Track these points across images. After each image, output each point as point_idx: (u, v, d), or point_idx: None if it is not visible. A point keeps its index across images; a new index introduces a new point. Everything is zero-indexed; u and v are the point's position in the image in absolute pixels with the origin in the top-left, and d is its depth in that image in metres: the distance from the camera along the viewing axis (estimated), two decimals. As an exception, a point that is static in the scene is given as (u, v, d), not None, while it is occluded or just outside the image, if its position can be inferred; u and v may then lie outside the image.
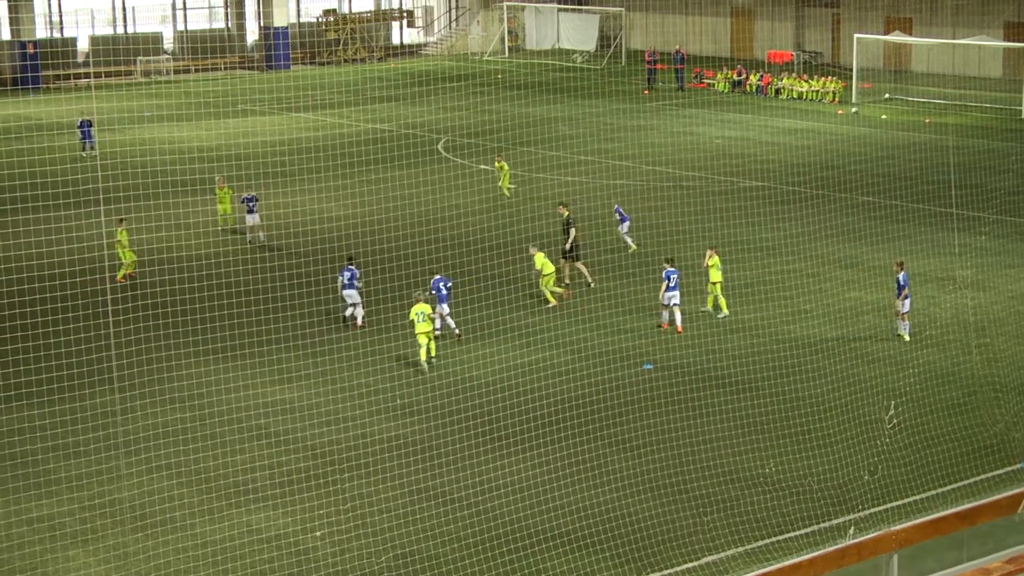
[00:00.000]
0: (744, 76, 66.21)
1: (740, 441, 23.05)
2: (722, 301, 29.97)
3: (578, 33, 78.66)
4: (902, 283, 28.10)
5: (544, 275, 30.77)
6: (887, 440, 22.70)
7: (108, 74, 71.60)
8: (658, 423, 23.63)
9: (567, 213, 32.61)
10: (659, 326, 29.19)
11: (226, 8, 79.06)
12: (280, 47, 74.73)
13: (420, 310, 26.70)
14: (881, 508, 20.32)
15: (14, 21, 68.60)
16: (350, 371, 26.39)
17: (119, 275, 32.79)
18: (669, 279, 28.97)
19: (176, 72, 72.98)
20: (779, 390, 25.17)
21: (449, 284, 28.73)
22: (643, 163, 47.12)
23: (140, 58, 72.18)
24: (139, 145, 49.20)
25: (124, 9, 75.21)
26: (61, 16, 73.50)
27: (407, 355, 27.42)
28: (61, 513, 20.53)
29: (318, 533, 19.71)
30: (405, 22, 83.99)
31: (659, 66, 66.79)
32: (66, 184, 39.63)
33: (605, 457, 22.31)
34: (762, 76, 65.85)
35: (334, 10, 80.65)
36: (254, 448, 22.96)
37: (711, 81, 67.24)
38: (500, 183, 42.14)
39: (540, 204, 39.75)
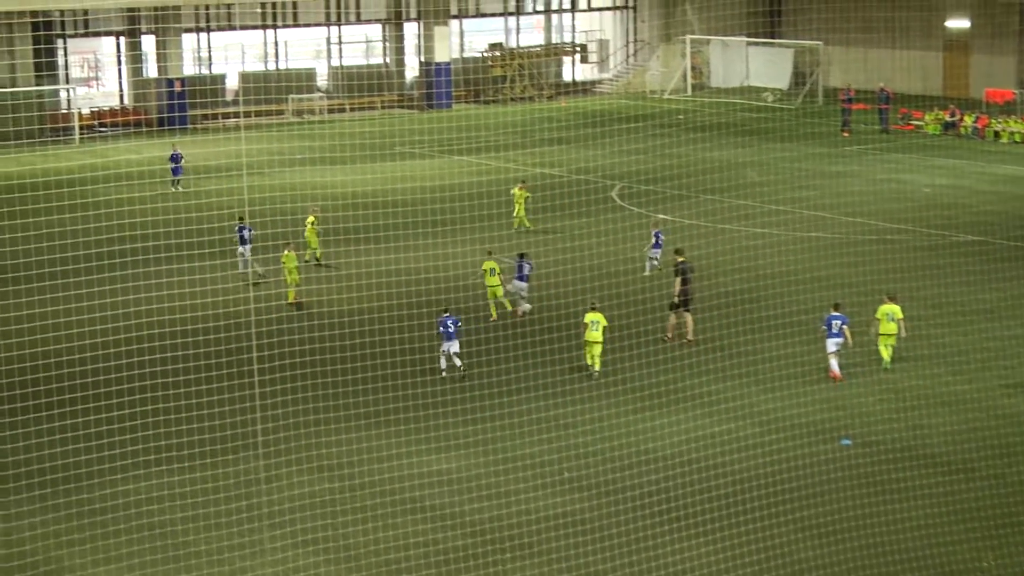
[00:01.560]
0: (958, 117, 65.02)
1: (952, 530, 22.49)
2: (887, 352, 30.35)
3: (769, 69, 78.26)
4: None
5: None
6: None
7: (258, 113, 73.69)
8: (856, 506, 23.19)
9: (681, 259, 33.30)
10: (830, 376, 29.56)
11: (384, 42, 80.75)
12: (442, 84, 75.97)
13: (594, 318, 30.04)
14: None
15: (162, 58, 71.12)
16: (512, 440, 26.51)
17: (289, 298, 35.67)
18: (830, 325, 29.64)
19: (330, 111, 74.71)
20: (998, 472, 24.51)
21: (458, 323, 30.65)
22: (841, 214, 46.53)
23: (292, 96, 74.10)
24: (289, 190, 50.42)
25: (276, 44, 77.36)
26: (210, 52, 75.94)
27: (574, 423, 27.44)
28: (200, 588, 20.99)
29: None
30: (578, 57, 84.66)
31: (856, 105, 66.02)
32: (212, 232, 40.82)
33: (795, 543, 21.97)
34: (978, 117, 64.56)
35: (500, 44, 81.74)
36: (407, 523, 23.19)
37: (919, 123, 66.19)
38: (516, 213, 43.89)
39: (722, 260, 39.49)
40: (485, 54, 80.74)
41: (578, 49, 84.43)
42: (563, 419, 27.76)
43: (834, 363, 30.24)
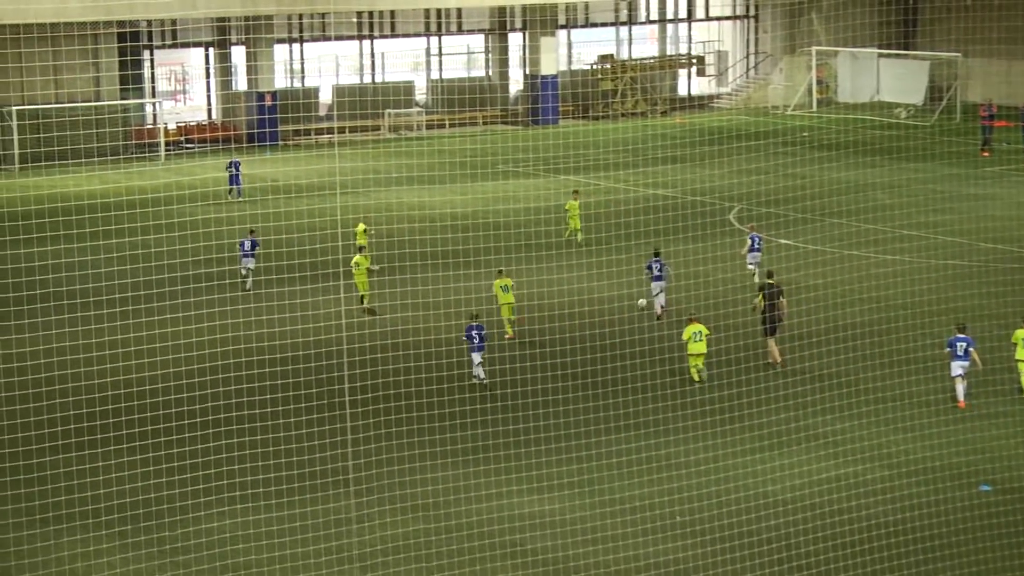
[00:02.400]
0: (1110, 134, 63.90)
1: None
2: None
3: (902, 83, 77.51)
4: None
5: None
6: None
7: (353, 129, 74.43)
8: (996, 558, 22.83)
9: (771, 281, 34.11)
10: (954, 402, 29.73)
11: (487, 54, 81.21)
12: (548, 99, 76.21)
13: (696, 329, 31.87)
14: None
15: (252, 70, 72.06)
16: (617, 481, 26.45)
17: (364, 303, 37.82)
18: (955, 346, 29.85)
19: (428, 127, 75.24)
20: None
21: (484, 331, 32.22)
22: (980, 240, 45.94)
23: (389, 111, 74.72)
24: (384, 211, 50.82)
25: (372, 55, 78.09)
26: (303, 64, 76.84)
27: (684, 463, 27.32)
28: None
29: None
30: (694, 70, 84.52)
31: (998, 123, 65.16)
32: (303, 255, 41.29)
33: (928, 598, 21.68)
34: None
35: (611, 56, 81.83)
36: (506, 568, 23.21)
37: (1068, 141, 65.15)
38: (571, 226, 46.34)
39: (848, 288, 39.15)
40: (594, 66, 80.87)
41: (694, 61, 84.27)
42: (672, 459, 27.64)
43: (960, 389, 29.98)
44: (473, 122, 77.25)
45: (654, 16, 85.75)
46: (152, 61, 74.36)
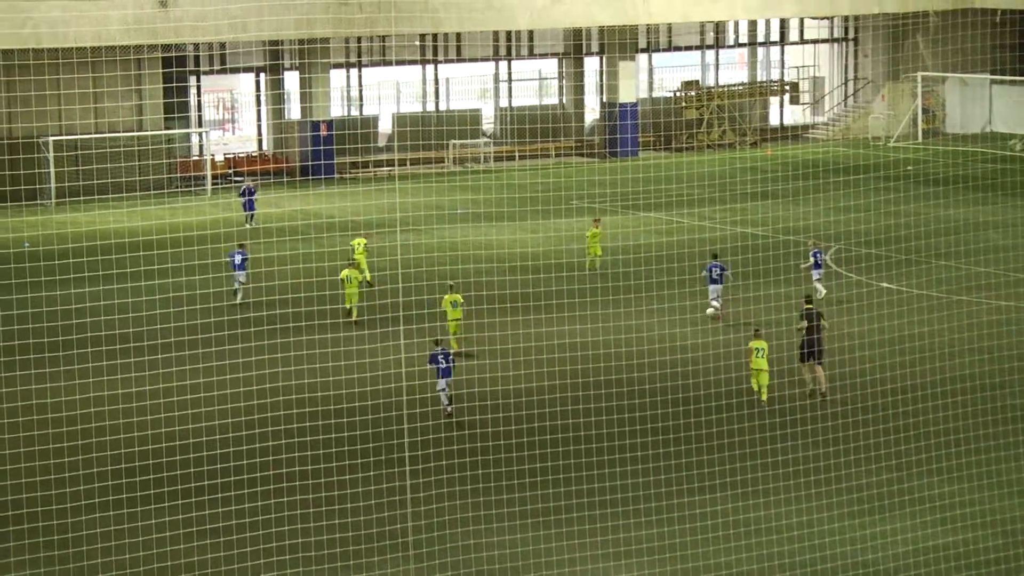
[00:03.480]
0: None
1: None
2: None
3: (1018, 112, 77.05)
4: None
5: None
6: None
7: (414, 161, 74.80)
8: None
9: (808, 305, 35.97)
10: None
11: (560, 80, 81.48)
12: (627, 129, 76.37)
13: (758, 345, 34.31)
14: None
15: (306, 97, 72.62)
16: (704, 547, 26.32)
17: (353, 316, 41.32)
18: None
19: (496, 159, 75.52)
20: None
21: (451, 356, 34.47)
22: (1105, 284, 45.53)
23: (453, 142, 75.12)
24: (448, 250, 50.98)
25: (436, 81, 78.51)
26: (361, 91, 77.37)
27: (776, 528, 27.17)
28: None
29: None
30: (787, 98, 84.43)
31: None
32: (359, 297, 41.42)
33: None
34: None
35: (696, 82, 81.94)
36: (580, 641, 23.13)
37: None
38: (589, 251, 48.69)
39: (957, 338, 38.87)
40: (678, 93, 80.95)
41: (787, 88, 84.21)
42: (763, 522, 27.49)
43: None
44: (545, 154, 77.45)
45: (743, 39, 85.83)
46: (199, 88, 75.10)
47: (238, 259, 45.13)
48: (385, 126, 77.78)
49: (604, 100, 78.67)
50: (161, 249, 43.50)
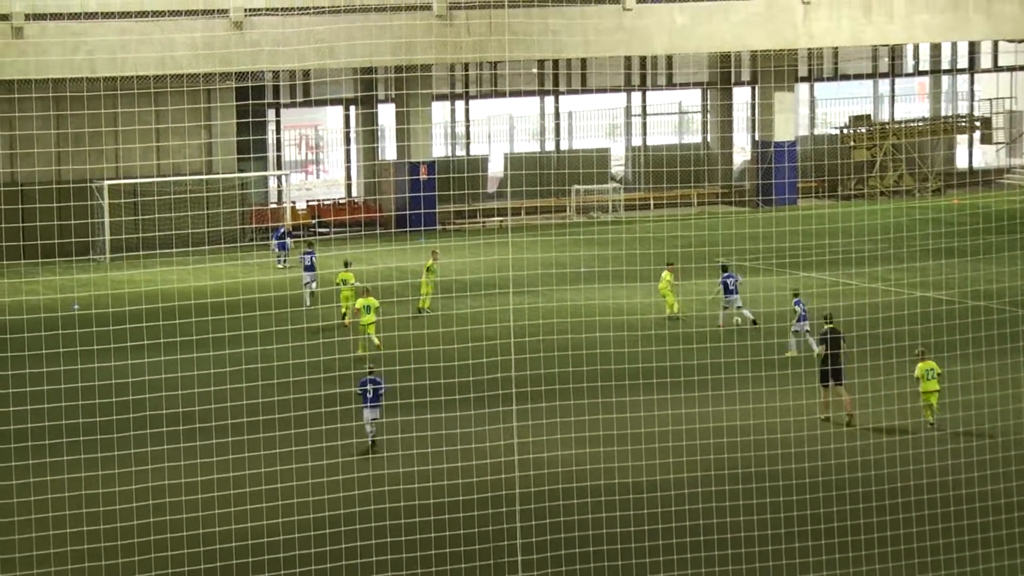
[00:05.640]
0: None
1: None
2: None
3: None
4: None
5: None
6: None
7: (530, 210, 74.89)
8: None
9: (829, 325, 39.91)
10: None
11: (704, 115, 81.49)
12: (783, 172, 76.09)
13: (928, 367, 37.71)
14: None
15: (403, 134, 72.99)
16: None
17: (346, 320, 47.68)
18: None
19: (627, 208, 75.50)
20: None
21: (381, 385, 38.16)
22: None
23: (576, 187, 75.19)
24: (569, 316, 51.00)
25: (557, 116, 78.72)
26: (468, 127, 77.74)
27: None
28: None
29: None
30: (977, 135, 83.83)
31: None
32: (449, 372, 41.50)
33: None
34: None
35: (867, 117, 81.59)
36: None
37: None
38: (668, 301, 52.98)
39: None
40: (845, 130, 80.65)
41: (978, 124, 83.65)
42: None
43: None
44: (685, 202, 77.35)
45: (924, 66, 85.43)
46: (278, 123, 75.77)
47: (307, 260, 54.85)
48: (496, 168, 78.09)
49: (756, 138, 78.56)
50: (233, 313, 43.86)
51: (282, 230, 65.09)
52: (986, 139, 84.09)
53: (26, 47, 62.88)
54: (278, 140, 75.86)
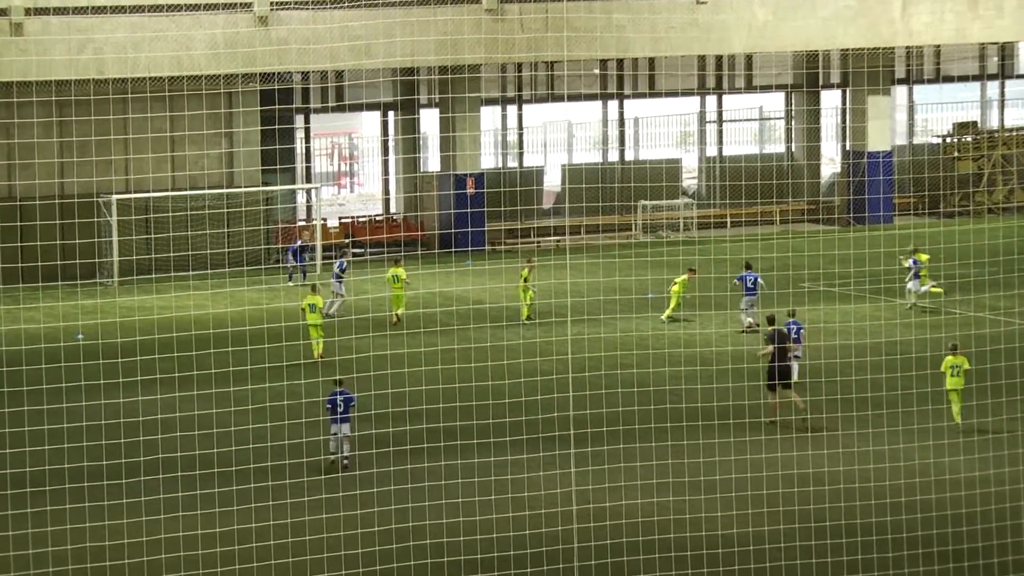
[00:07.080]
0: None
1: None
2: None
3: None
4: None
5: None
6: None
7: (591, 228, 74.86)
8: None
9: (773, 327, 42.83)
10: None
11: (788, 121, 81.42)
12: (878, 186, 75.97)
13: (955, 362, 40.34)
14: None
15: (448, 143, 72.96)
16: None
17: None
18: None
19: (701, 226, 75.47)
20: None
21: (351, 399, 39.50)
22: None
23: (643, 203, 75.21)
24: (635, 348, 51.03)
25: (621, 123, 78.74)
26: (521, 134, 77.80)
27: None
28: None
29: None
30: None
31: None
32: (499, 410, 41.56)
33: None
34: None
35: (973, 124, 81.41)
36: None
37: None
38: (672, 305, 56.27)
39: None
40: (949, 139, 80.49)
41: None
42: None
43: None
44: (767, 219, 77.29)
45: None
46: (307, 131, 75.98)
47: (337, 268, 58.49)
48: (552, 182, 78.16)
49: (847, 148, 78.47)
50: (256, 344, 44.02)
51: (299, 244, 66.77)
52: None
53: (26, 45, 63.17)
54: (307, 149, 76.09)
